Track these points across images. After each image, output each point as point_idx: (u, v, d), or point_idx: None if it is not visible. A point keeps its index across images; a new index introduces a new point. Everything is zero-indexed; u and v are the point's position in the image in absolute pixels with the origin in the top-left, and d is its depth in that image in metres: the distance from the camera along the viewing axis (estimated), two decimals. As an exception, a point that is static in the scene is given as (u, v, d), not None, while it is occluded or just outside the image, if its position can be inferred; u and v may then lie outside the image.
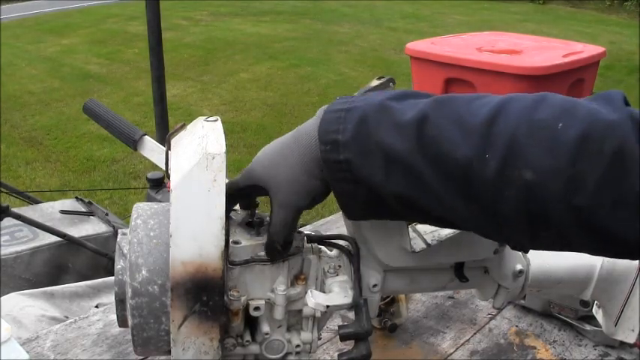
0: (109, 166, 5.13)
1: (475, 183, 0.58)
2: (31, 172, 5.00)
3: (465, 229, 0.67)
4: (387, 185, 0.63)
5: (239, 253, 0.75)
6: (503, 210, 0.58)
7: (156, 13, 3.07)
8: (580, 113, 0.56)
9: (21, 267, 2.09)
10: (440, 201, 0.61)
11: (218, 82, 7.74)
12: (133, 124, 1.44)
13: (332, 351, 1.20)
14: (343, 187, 0.66)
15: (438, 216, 0.64)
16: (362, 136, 0.63)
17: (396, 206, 0.65)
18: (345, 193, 0.66)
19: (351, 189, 0.65)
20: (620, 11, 13.37)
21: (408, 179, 0.62)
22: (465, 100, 0.61)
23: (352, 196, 0.66)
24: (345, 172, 0.64)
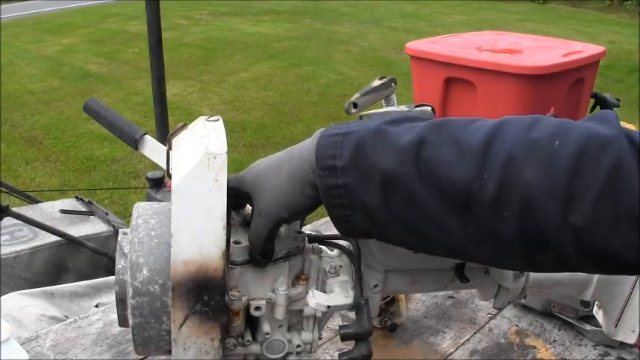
0: (109, 165, 5.13)
1: (473, 205, 0.58)
2: (31, 172, 5.00)
3: (465, 258, 0.67)
4: (385, 209, 0.62)
5: (240, 253, 0.75)
6: (502, 232, 0.58)
7: (156, 12, 3.07)
8: (576, 131, 0.56)
9: (21, 266, 2.09)
10: (438, 225, 0.61)
11: (218, 82, 7.74)
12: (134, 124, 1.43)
13: (332, 351, 1.20)
14: (340, 213, 0.65)
15: (436, 242, 0.63)
16: (359, 161, 0.63)
17: (393, 231, 0.64)
18: (342, 218, 0.66)
19: (349, 214, 0.65)
20: (620, 11, 13.37)
21: (405, 203, 0.61)
22: (461, 124, 0.62)
23: (349, 222, 0.65)
24: (343, 197, 0.64)
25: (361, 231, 0.67)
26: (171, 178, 0.69)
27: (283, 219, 0.70)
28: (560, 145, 0.55)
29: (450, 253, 0.66)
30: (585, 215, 0.54)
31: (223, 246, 0.68)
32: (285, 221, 0.71)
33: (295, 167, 0.68)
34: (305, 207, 0.69)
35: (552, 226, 0.56)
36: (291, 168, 0.69)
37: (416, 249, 0.70)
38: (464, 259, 0.68)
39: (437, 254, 0.69)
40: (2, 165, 4.94)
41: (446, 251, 0.66)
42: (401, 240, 0.66)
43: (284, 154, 0.72)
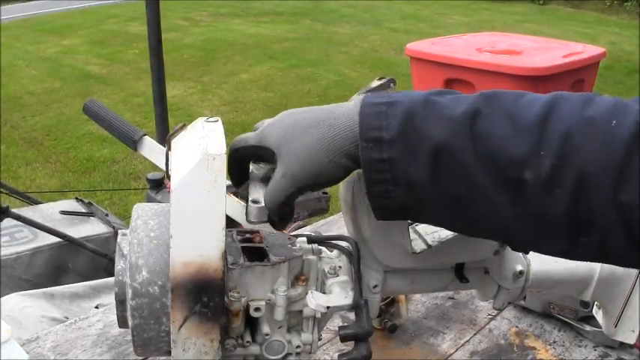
0: (109, 166, 5.13)
1: (526, 182, 0.58)
2: (31, 173, 5.00)
3: (505, 237, 0.65)
4: (432, 184, 0.60)
5: (258, 214, 0.74)
6: (551, 212, 0.58)
7: (156, 13, 3.07)
8: (631, 111, 0.56)
9: (21, 268, 2.09)
10: (487, 201, 0.59)
11: (218, 83, 7.74)
12: (134, 125, 1.44)
13: (332, 352, 1.20)
14: (380, 189, 0.62)
15: (479, 220, 0.62)
16: (408, 133, 0.60)
17: (435, 208, 0.62)
18: (382, 194, 0.63)
19: (390, 190, 0.62)
20: (620, 12, 13.36)
21: (456, 177, 0.59)
22: (512, 96, 0.61)
23: (389, 198, 0.63)
24: (386, 172, 0.61)
25: (398, 209, 0.64)
26: (170, 180, 0.69)
27: (309, 186, 0.67)
28: (617, 125, 0.55)
29: (491, 232, 0.65)
30: (634, 193, 0.54)
31: (223, 247, 0.68)
32: (310, 188, 0.68)
33: (333, 134, 0.65)
34: (337, 177, 0.67)
35: (602, 204, 0.56)
36: (328, 134, 0.65)
37: (454, 227, 0.68)
38: (502, 238, 0.67)
39: (473, 233, 0.67)
40: (2, 166, 4.94)
41: (487, 231, 0.64)
42: (441, 218, 0.64)
43: (321, 114, 0.68)
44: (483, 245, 0.86)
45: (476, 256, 0.88)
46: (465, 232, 0.68)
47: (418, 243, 0.84)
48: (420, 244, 0.84)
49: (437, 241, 0.84)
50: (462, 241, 0.85)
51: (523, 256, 0.94)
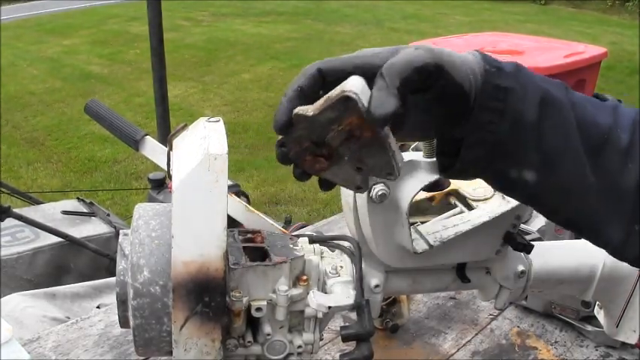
0: (111, 166, 5.14)
1: (607, 150, 0.64)
2: (33, 173, 5.01)
3: (576, 207, 0.67)
4: (536, 129, 0.62)
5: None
6: (623, 182, 0.64)
7: (157, 13, 3.07)
8: None
9: (22, 267, 2.09)
10: (574, 163, 0.64)
11: (219, 83, 7.74)
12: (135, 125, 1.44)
13: (334, 352, 1.20)
14: (487, 118, 0.62)
15: (561, 180, 0.65)
16: (521, 75, 0.63)
17: (525, 157, 0.63)
18: (486, 125, 0.62)
19: (495, 122, 0.62)
20: (622, 12, 13.36)
21: (556, 129, 0.63)
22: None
23: (490, 131, 0.62)
24: (500, 101, 0.62)
25: (490, 147, 0.63)
26: (172, 179, 0.69)
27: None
28: None
29: (566, 200, 0.66)
30: None
31: (224, 247, 0.68)
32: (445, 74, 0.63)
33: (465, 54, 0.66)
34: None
35: None
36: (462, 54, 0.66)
37: (536, 187, 0.66)
38: (572, 211, 0.68)
39: (545, 201, 0.68)
40: (4, 166, 4.95)
41: (563, 196, 0.66)
42: (528, 170, 0.64)
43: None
44: (485, 245, 0.86)
45: (477, 256, 0.88)
46: (544, 197, 0.68)
47: (420, 243, 0.84)
48: (421, 244, 0.84)
49: (438, 241, 0.84)
50: (463, 241, 0.85)
51: (525, 256, 0.94)
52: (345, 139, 0.59)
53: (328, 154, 0.61)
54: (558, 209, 0.68)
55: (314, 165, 0.63)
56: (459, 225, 0.86)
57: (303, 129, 0.60)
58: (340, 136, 0.59)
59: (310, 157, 0.62)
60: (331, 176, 0.64)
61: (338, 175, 0.64)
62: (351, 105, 0.56)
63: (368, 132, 0.58)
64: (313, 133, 0.60)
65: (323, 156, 0.62)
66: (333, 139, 0.59)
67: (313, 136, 0.60)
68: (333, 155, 0.61)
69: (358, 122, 0.57)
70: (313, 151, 0.61)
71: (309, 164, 0.63)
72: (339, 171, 0.63)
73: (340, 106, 0.56)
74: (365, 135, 0.58)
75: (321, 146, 0.61)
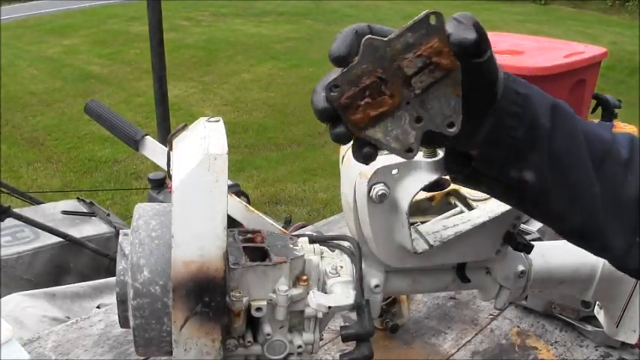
0: (111, 166, 5.13)
1: (608, 162, 0.68)
2: (33, 173, 5.00)
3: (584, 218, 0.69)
4: (550, 131, 0.65)
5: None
6: (626, 193, 0.68)
7: (157, 13, 3.07)
8: None
9: (22, 267, 2.09)
10: (581, 167, 0.67)
11: (219, 83, 7.74)
12: (135, 125, 1.44)
13: (334, 352, 1.20)
14: (508, 122, 0.64)
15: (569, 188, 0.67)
16: (532, 87, 0.66)
17: (539, 165, 0.66)
18: (506, 130, 0.64)
19: (514, 127, 0.64)
20: (622, 12, 13.36)
21: (565, 133, 0.66)
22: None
23: (509, 135, 0.64)
24: (518, 106, 0.64)
25: (507, 149, 0.65)
26: (172, 179, 0.69)
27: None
28: None
29: (573, 206, 0.68)
30: None
31: (224, 247, 0.68)
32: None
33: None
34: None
35: None
36: None
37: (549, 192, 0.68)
38: (577, 218, 0.69)
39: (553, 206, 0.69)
40: (4, 166, 4.94)
41: (570, 201, 0.68)
42: (532, 174, 0.66)
43: None
44: (485, 245, 0.86)
45: (477, 256, 0.88)
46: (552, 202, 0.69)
47: (420, 243, 0.84)
48: (421, 244, 0.84)
49: (438, 241, 0.84)
50: (463, 241, 0.85)
51: (525, 256, 0.94)
52: (421, 68, 0.57)
53: (391, 94, 0.58)
54: (564, 215, 0.70)
55: (368, 112, 0.58)
56: (459, 225, 0.86)
57: (369, 61, 0.57)
58: (416, 62, 0.56)
59: (367, 100, 0.57)
60: (381, 134, 0.59)
61: (390, 131, 0.59)
62: (437, 25, 0.56)
63: (447, 59, 0.57)
64: (383, 64, 0.57)
65: (383, 96, 0.58)
66: (408, 67, 0.56)
67: (383, 66, 0.57)
68: (397, 96, 0.58)
69: (439, 46, 0.56)
70: (374, 90, 0.57)
71: (362, 112, 0.58)
72: (393, 124, 0.59)
73: (423, 27, 0.56)
74: (443, 63, 0.56)
75: (387, 82, 0.57)
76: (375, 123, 0.58)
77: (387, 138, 0.59)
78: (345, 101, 0.57)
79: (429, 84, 0.57)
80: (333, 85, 0.58)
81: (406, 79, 0.57)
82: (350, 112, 0.58)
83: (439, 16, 0.56)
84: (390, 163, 0.79)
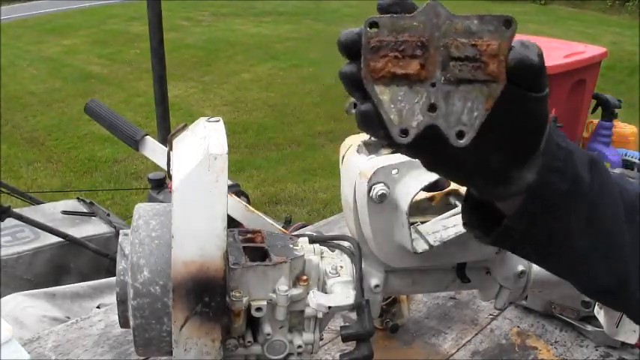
0: (111, 166, 5.13)
1: (638, 216, 0.66)
2: (33, 173, 5.00)
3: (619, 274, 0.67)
4: (589, 188, 0.62)
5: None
6: None
7: (157, 13, 3.07)
8: None
9: (22, 267, 2.09)
10: (619, 223, 0.65)
11: (219, 83, 7.74)
12: (135, 125, 1.44)
13: (334, 352, 1.20)
14: (551, 178, 0.61)
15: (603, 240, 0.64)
16: (570, 143, 0.64)
17: (577, 219, 0.63)
18: (550, 184, 0.61)
19: (555, 182, 0.61)
20: (622, 12, 13.36)
21: (604, 189, 0.64)
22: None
23: (552, 189, 0.61)
24: (560, 160, 0.61)
25: (549, 207, 0.62)
26: (172, 179, 0.69)
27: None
28: None
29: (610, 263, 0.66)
30: None
31: (224, 247, 0.68)
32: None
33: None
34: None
35: None
36: None
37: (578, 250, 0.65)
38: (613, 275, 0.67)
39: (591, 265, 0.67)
40: (4, 166, 4.94)
41: (608, 259, 0.65)
42: (572, 232, 0.64)
43: None
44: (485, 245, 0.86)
45: (477, 256, 0.88)
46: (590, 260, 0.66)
47: (420, 243, 0.84)
48: (421, 244, 0.84)
49: (438, 241, 0.83)
50: (463, 241, 0.85)
51: (525, 256, 0.94)
52: (467, 58, 0.52)
53: (422, 64, 0.53)
54: (595, 271, 0.67)
55: (390, 67, 0.53)
56: (458, 225, 0.86)
57: (422, 22, 0.52)
58: (466, 50, 0.52)
59: (397, 54, 0.53)
60: (388, 97, 0.53)
61: (398, 100, 0.53)
62: (507, 30, 0.52)
63: (496, 66, 0.52)
64: (434, 32, 0.52)
65: (415, 60, 0.52)
66: (456, 49, 0.52)
67: (432, 34, 0.52)
68: (427, 70, 0.53)
69: (496, 50, 0.52)
70: (410, 50, 0.52)
71: (385, 63, 0.53)
72: (405, 96, 0.53)
73: (492, 24, 0.52)
74: (490, 68, 0.52)
75: (426, 50, 0.52)
76: (390, 82, 0.53)
77: (391, 105, 0.53)
78: (376, 43, 0.53)
79: (464, 78, 0.53)
80: (374, 22, 0.53)
81: (446, 60, 0.52)
82: (373, 56, 0.53)
83: (513, 24, 0.52)
84: (390, 163, 0.79)
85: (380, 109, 0.53)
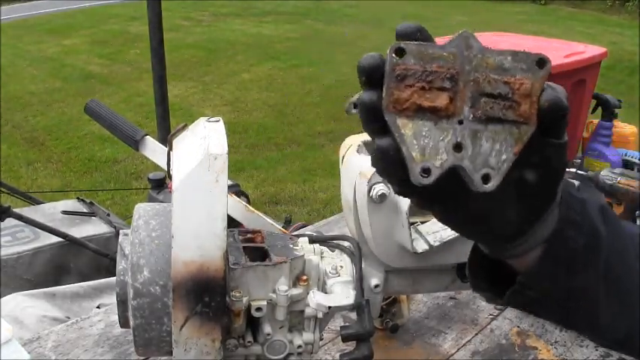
0: (111, 166, 5.14)
1: None
2: (33, 173, 5.00)
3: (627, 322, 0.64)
4: (605, 239, 0.59)
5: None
6: None
7: (157, 13, 3.07)
8: None
9: (22, 267, 2.09)
10: (632, 270, 0.62)
11: (219, 83, 7.74)
12: (135, 125, 1.44)
13: (334, 352, 1.20)
14: (568, 232, 0.58)
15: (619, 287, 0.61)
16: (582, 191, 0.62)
17: (594, 272, 0.60)
18: (567, 237, 0.58)
19: (571, 236, 0.57)
20: (622, 12, 13.36)
21: (617, 237, 0.61)
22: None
23: (566, 247, 0.57)
24: (579, 213, 0.58)
25: (567, 262, 0.58)
26: (172, 179, 0.69)
27: None
28: None
29: (627, 312, 0.63)
30: None
31: (224, 247, 0.68)
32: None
33: None
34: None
35: None
36: None
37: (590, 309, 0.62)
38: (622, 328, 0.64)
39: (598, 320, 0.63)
40: (4, 166, 4.94)
41: (618, 311, 0.62)
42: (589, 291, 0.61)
43: None
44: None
45: (477, 256, 0.88)
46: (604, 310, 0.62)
47: (420, 243, 0.84)
48: (421, 244, 0.84)
49: (438, 241, 0.83)
50: (463, 241, 0.85)
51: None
52: (499, 95, 0.49)
53: (451, 99, 0.48)
54: (611, 323, 0.63)
55: (416, 98, 0.48)
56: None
57: (454, 53, 0.49)
58: (498, 87, 0.49)
59: (424, 85, 0.48)
60: (412, 132, 0.48)
61: (422, 136, 0.48)
62: (540, 70, 0.49)
63: (528, 108, 0.49)
64: (465, 64, 0.49)
65: (443, 94, 0.48)
66: (487, 85, 0.48)
67: (463, 67, 0.49)
68: (456, 106, 0.48)
69: (529, 90, 0.48)
70: (438, 82, 0.48)
71: (411, 94, 0.48)
72: (429, 132, 0.48)
73: (526, 62, 0.49)
74: (523, 108, 0.49)
75: (456, 84, 0.48)
76: (415, 116, 0.48)
77: (414, 141, 0.48)
78: (401, 71, 0.48)
79: (494, 117, 0.48)
80: (401, 48, 0.48)
81: (476, 96, 0.48)
82: (398, 85, 0.48)
83: (547, 64, 0.49)
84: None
85: (401, 144, 0.48)
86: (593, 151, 2.52)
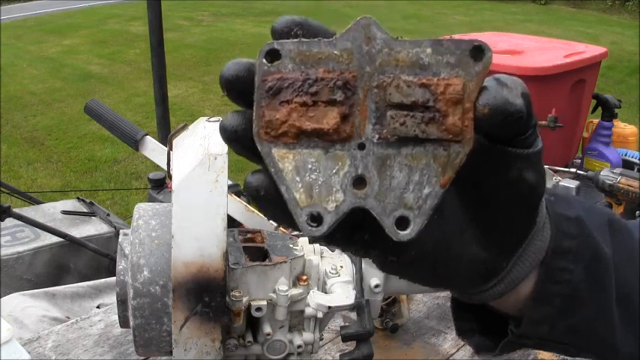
0: (111, 166, 5.14)
1: None
2: (33, 173, 5.01)
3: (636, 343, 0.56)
4: (611, 261, 0.49)
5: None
6: None
7: (157, 13, 3.07)
8: None
9: (22, 267, 2.09)
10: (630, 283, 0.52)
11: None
12: (135, 125, 1.44)
13: (334, 351, 1.19)
14: (560, 264, 0.47)
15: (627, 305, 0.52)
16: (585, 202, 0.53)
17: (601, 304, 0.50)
18: (558, 274, 0.47)
19: (570, 267, 0.47)
20: (622, 12, 13.36)
21: (626, 255, 0.52)
22: None
23: (563, 281, 0.47)
24: (574, 238, 0.47)
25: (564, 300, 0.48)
26: (172, 179, 0.69)
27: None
28: None
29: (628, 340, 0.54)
30: None
31: (224, 247, 0.68)
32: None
33: None
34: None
35: None
36: None
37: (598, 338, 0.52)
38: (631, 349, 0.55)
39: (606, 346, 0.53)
40: (4, 166, 4.94)
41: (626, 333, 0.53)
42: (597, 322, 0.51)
43: None
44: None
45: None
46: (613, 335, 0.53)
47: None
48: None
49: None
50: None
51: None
52: (414, 106, 0.35)
53: (345, 116, 0.36)
54: (620, 346, 0.53)
55: (296, 119, 0.36)
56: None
57: (348, 50, 0.37)
58: (413, 93, 0.35)
59: (306, 100, 0.36)
60: (293, 167, 0.36)
61: (308, 170, 0.36)
62: (478, 64, 0.36)
63: (460, 121, 0.35)
64: (364, 65, 0.36)
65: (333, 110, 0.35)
66: (397, 92, 0.35)
67: (362, 69, 0.36)
68: (352, 124, 0.35)
69: (460, 94, 0.35)
70: (326, 94, 0.36)
71: (289, 113, 0.36)
72: (318, 164, 0.36)
73: (455, 53, 0.36)
74: (450, 122, 0.35)
75: (351, 95, 0.36)
76: (296, 144, 0.36)
77: (296, 179, 0.36)
78: (275, 82, 0.37)
79: (410, 136, 0.35)
80: (274, 49, 0.39)
81: (382, 108, 0.36)
82: (271, 102, 0.36)
83: (486, 53, 0.36)
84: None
85: (279, 184, 0.36)
86: (593, 151, 2.52)
